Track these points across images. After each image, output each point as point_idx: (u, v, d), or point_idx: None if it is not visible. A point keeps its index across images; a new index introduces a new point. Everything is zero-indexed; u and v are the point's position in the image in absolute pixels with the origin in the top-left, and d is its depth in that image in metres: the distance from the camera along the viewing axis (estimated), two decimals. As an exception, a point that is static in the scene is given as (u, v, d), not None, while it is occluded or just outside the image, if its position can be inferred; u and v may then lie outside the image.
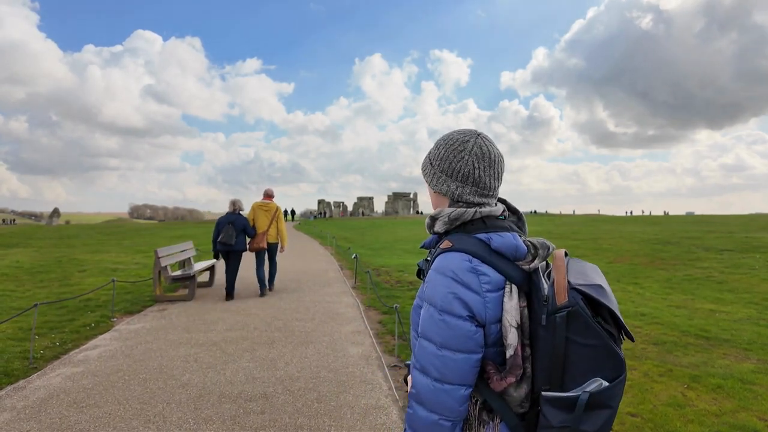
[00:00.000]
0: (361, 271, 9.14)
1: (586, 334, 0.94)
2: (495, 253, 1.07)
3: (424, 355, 1.04)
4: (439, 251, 1.11)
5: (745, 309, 6.57)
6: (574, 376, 0.95)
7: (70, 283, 8.90)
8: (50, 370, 4.11)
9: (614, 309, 0.98)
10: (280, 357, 4.42)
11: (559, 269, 1.03)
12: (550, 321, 0.97)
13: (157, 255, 7.15)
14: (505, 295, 1.04)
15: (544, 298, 1.00)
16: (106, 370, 4.10)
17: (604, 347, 0.94)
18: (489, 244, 1.07)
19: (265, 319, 5.89)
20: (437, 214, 1.17)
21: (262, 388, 3.67)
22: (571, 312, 0.95)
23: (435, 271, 1.07)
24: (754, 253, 11.50)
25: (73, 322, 5.73)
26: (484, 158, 1.15)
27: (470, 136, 1.16)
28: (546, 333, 0.98)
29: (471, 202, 1.16)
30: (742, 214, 51.64)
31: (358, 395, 3.56)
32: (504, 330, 1.03)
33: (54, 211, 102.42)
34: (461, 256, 1.05)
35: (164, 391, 3.61)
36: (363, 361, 4.32)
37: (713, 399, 3.44)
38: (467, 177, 1.14)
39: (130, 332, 5.37)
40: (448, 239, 1.12)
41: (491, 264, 1.05)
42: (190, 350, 4.63)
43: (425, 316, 1.07)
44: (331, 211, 79.92)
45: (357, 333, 5.28)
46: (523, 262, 1.08)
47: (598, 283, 1.01)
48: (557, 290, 0.98)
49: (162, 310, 6.50)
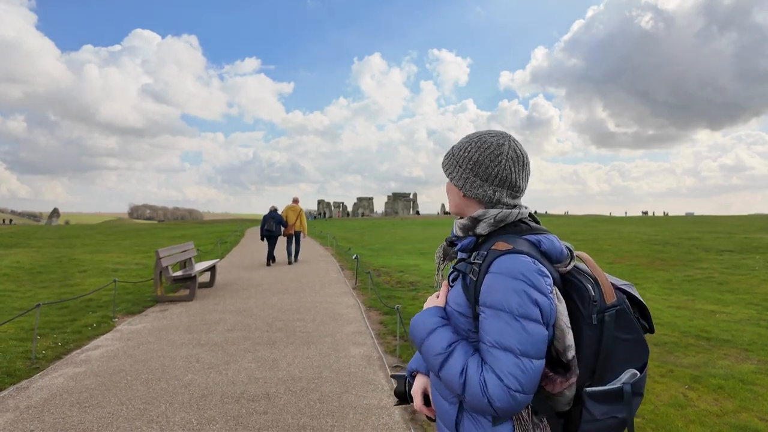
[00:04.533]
0: (362, 271, 9.15)
1: (629, 329, 1.03)
2: (543, 255, 1.08)
3: (501, 365, 0.97)
4: (496, 253, 1.05)
5: (745, 310, 6.59)
6: (612, 368, 1.02)
7: (71, 283, 8.91)
8: (52, 370, 4.12)
9: (644, 303, 1.09)
10: (282, 357, 4.43)
11: (599, 270, 1.09)
12: (599, 320, 1.02)
13: (159, 255, 7.16)
14: (556, 298, 1.05)
15: (592, 297, 1.03)
16: (108, 370, 4.11)
17: (640, 340, 1.03)
18: (539, 246, 1.08)
19: (267, 320, 5.90)
20: (481, 216, 1.13)
21: (265, 389, 3.68)
22: (619, 310, 1.03)
23: (501, 274, 1.01)
24: (754, 254, 11.52)
25: (74, 322, 5.74)
26: (519, 161, 1.14)
27: (504, 139, 1.15)
28: (592, 331, 1.02)
29: (508, 204, 1.15)
30: (742, 215, 51.67)
31: (361, 395, 3.57)
32: (560, 332, 1.03)
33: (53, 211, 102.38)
34: (526, 257, 1.02)
35: (167, 392, 3.62)
36: (365, 362, 4.33)
37: (714, 399, 3.45)
38: (504, 180, 1.13)
39: (131, 332, 5.37)
40: (502, 241, 1.08)
41: (544, 266, 1.05)
42: (192, 350, 4.64)
43: (497, 325, 0.99)
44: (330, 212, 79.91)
45: (358, 333, 5.29)
46: (561, 264, 1.10)
47: (629, 283, 1.12)
48: (605, 290, 1.04)
49: (163, 311, 6.51)
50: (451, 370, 1.03)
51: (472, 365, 1.01)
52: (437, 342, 1.08)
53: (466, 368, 1.01)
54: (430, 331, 1.12)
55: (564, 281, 1.10)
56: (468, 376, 1.00)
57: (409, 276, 9.64)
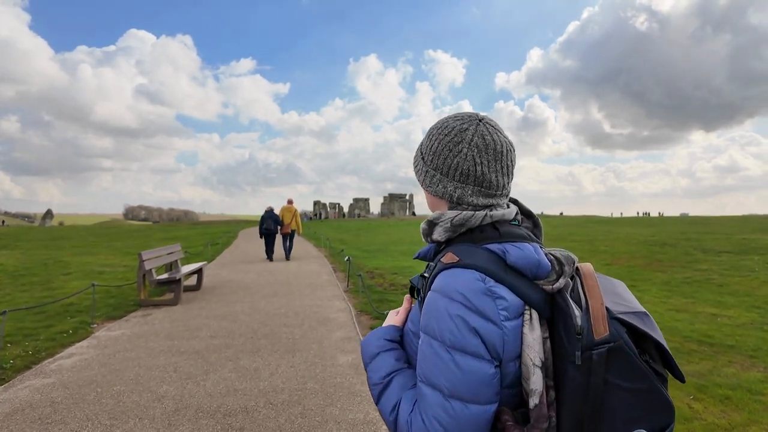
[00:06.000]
0: (354, 274, 8.92)
1: (630, 375, 0.74)
2: (511, 269, 0.84)
3: (426, 405, 0.79)
4: (441, 266, 0.86)
5: (747, 313, 6.40)
6: (613, 427, 0.75)
7: (53, 286, 8.62)
8: (18, 382, 3.86)
9: (663, 343, 0.78)
10: (265, 366, 4.19)
11: (594, 291, 0.82)
12: (585, 359, 0.75)
13: (141, 258, 6.90)
14: (525, 325, 0.81)
15: (576, 329, 0.77)
16: (78, 381, 3.86)
17: (652, 391, 0.74)
18: (504, 258, 0.84)
19: (252, 326, 5.65)
20: (437, 218, 0.93)
21: (243, 402, 3.44)
22: (613, 348, 0.75)
23: (438, 293, 0.82)
24: (753, 255, 11.37)
25: (50, 328, 5.47)
26: (488, 150, 0.90)
27: (469, 122, 0.92)
28: (578, 373, 0.76)
29: (475, 205, 0.92)
30: (737, 215, 51.77)
31: (345, 408, 3.34)
32: (525, 370, 0.80)
33: (47, 212, 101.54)
34: (471, 273, 0.82)
35: (138, 405, 3.38)
36: (352, 371, 4.09)
37: (722, 411, 3.24)
38: (467, 175, 0.90)
39: (109, 339, 5.12)
40: (451, 251, 0.87)
41: (507, 284, 0.82)
42: (171, 359, 4.39)
43: (426, 354, 0.81)
44: (327, 213, 79.69)
45: (347, 340, 5.06)
46: (544, 281, 0.85)
47: (642, 310, 0.81)
48: (594, 319, 0.77)
49: (145, 316, 6.25)
50: (386, 405, 0.88)
51: (404, 402, 0.85)
52: (377, 370, 0.94)
53: (399, 404, 0.86)
54: (373, 356, 0.96)
55: (552, 303, 0.85)
56: (399, 413, 0.85)
57: (402, 278, 9.42)
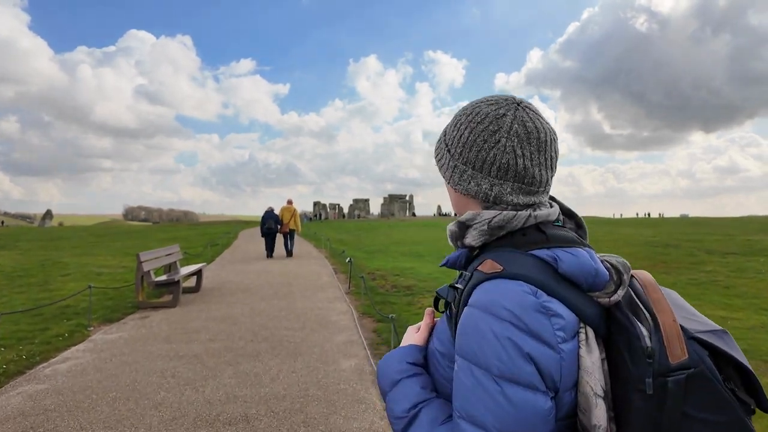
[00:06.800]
0: (356, 275, 8.79)
1: (713, 407, 0.61)
2: (564, 279, 0.70)
3: None
4: (480, 276, 0.71)
5: (756, 315, 6.28)
6: None
7: (51, 288, 8.49)
8: (11, 388, 3.73)
9: (749, 368, 0.65)
10: (266, 371, 4.06)
11: (662, 305, 0.69)
12: (658, 387, 0.62)
13: (140, 259, 6.77)
14: (581, 346, 0.67)
15: (647, 351, 0.64)
16: (73, 387, 3.73)
17: (736, 424, 0.61)
18: (555, 267, 0.70)
19: (252, 328, 5.52)
20: (470, 220, 0.79)
21: (244, 409, 3.31)
22: (694, 375, 0.62)
23: (478, 309, 0.68)
24: (758, 257, 11.26)
25: (45, 331, 5.35)
26: (530, 139, 0.76)
27: (506, 107, 0.77)
28: (648, 404, 0.63)
29: (515, 204, 0.78)
30: (737, 217, 51.68)
31: (350, 417, 3.22)
32: (584, 401, 0.66)
33: (47, 212, 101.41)
34: (519, 285, 0.67)
35: (134, 413, 3.25)
36: (356, 376, 3.97)
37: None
38: (506, 169, 0.76)
39: (105, 343, 4.99)
40: (492, 258, 0.73)
41: (561, 297, 0.68)
42: (169, 363, 4.27)
43: (467, 384, 0.66)
44: (326, 213, 79.60)
45: (350, 343, 4.93)
46: (601, 293, 0.72)
47: (719, 328, 0.68)
48: (668, 340, 0.64)
49: (143, 318, 6.12)
50: None
51: None
52: (399, 400, 0.78)
53: None
54: (393, 383, 0.81)
55: (608, 318, 0.72)
56: None
57: (404, 280, 9.29)
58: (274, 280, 9.37)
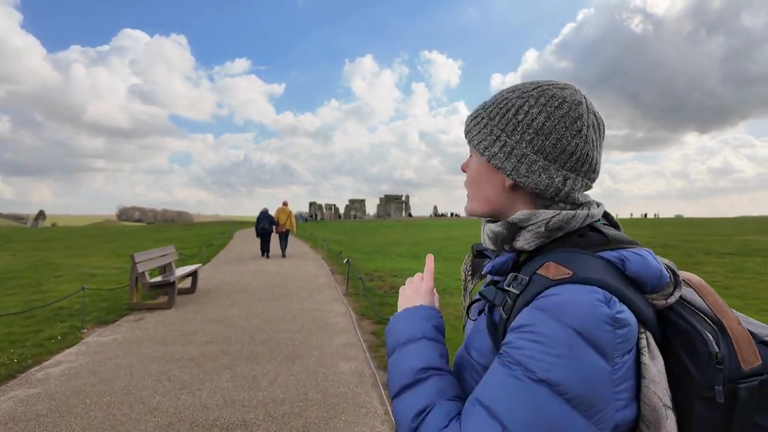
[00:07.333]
0: (354, 276, 8.72)
1: None
2: (630, 282, 0.64)
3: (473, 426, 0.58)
4: (545, 282, 0.63)
5: (757, 316, 6.13)
6: None
7: (43, 289, 8.36)
8: (2, 393, 3.63)
9: None
10: (264, 375, 3.98)
11: (722, 309, 0.63)
12: (727, 395, 0.57)
13: (134, 260, 6.67)
14: (644, 353, 0.61)
15: (716, 357, 0.58)
16: (66, 391, 3.63)
17: None
18: (623, 269, 0.64)
19: (249, 331, 5.43)
20: (524, 220, 0.70)
21: (241, 414, 3.23)
22: (767, 381, 0.57)
23: (545, 312, 0.60)
24: (755, 257, 11.29)
25: (38, 334, 5.23)
26: (600, 130, 0.72)
27: (579, 93, 0.72)
28: (715, 414, 0.57)
29: (574, 202, 0.71)
30: (731, 217, 52.03)
31: (350, 421, 3.15)
32: (650, 414, 0.59)
33: (39, 213, 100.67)
34: (595, 293, 0.59)
35: (129, 418, 3.16)
36: (356, 379, 3.90)
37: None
38: (583, 161, 0.70)
39: (99, 345, 4.89)
40: (555, 261, 0.65)
41: (630, 302, 0.61)
42: (164, 367, 4.18)
43: (502, 377, 0.60)
44: (322, 214, 79.47)
45: (349, 346, 4.86)
46: (659, 295, 0.65)
47: None
48: (740, 344, 0.59)
49: (138, 320, 6.02)
50: (409, 404, 0.67)
51: (438, 413, 0.64)
52: (413, 357, 0.72)
53: (429, 411, 0.65)
54: (413, 339, 0.75)
55: (663, 321, 0.66)
56: (424, 424, 0.64)
57: (402, 281, 9.21)
58: (270, 282, 9.28)
